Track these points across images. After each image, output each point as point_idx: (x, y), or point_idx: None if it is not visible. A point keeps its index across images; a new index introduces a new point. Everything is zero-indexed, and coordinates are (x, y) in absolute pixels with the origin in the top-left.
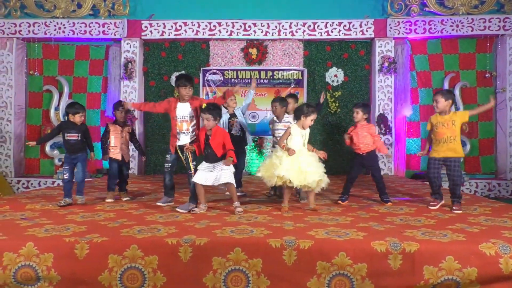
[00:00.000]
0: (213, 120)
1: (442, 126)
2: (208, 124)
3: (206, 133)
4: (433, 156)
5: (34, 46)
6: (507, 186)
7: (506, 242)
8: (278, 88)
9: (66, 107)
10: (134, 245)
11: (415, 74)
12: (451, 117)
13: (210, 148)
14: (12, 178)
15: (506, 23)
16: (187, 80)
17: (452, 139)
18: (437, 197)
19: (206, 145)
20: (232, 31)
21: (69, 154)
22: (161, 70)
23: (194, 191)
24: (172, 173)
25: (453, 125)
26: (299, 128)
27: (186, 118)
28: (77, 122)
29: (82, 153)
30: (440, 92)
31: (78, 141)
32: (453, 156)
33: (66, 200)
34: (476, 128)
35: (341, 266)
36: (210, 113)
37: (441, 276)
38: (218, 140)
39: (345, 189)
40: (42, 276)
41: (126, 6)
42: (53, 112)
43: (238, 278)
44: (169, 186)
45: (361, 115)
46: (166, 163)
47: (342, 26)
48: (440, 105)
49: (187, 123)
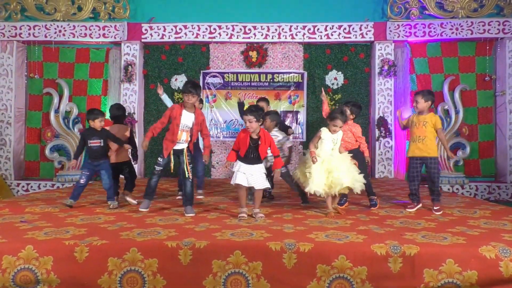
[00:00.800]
0: (256, 122)
1: (415, 125)
2: (251, 126)
3: (251, 137)
4: (410, 156)
5: (34, 49)
6: (507, 189)
7: (506, 245)
8: (278, 91)
9: (86, 115)
10: (134, 248)
11: (415, 77)
12: (424, 118)
13: (257, 152)
14: (12, 181)
15: (505, 26)
16: (192, 87)
17: (421, 139)
18: (414, 199)
19: (252, 149)
20: (232, 34)
21: (92, 161)
22: (161, 73)
23: (191, 194)
24: (160, 176)
25: (423, 126)
26: (330, 133)
27: (187, 128)
28: (97, 128)
29: (105, 160)
30: (420, 93)
31: (101, 147)
32: (427, 156)
33: (71, 201)
34: (476, 131)
35: (341, 269)
36: (252, 114)
37: (441, 279)
38: (266, 145)
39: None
40: (42, 279)
41: (127, 9)
42: (53, 115)
43: (238, 281)
44: (153, 188)
45: (348, 113)
46: (158, 166)
47: (342, 29)
48: (419, 106)
49: (186, 134)
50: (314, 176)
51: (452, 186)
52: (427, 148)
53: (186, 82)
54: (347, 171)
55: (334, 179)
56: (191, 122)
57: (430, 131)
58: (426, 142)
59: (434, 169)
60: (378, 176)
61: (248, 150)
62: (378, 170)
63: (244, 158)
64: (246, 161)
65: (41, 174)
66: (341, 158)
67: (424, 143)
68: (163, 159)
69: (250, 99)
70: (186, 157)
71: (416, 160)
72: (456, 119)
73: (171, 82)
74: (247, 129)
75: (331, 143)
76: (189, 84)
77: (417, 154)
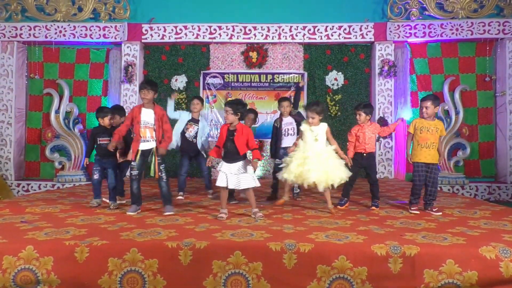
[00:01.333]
0: (233, 114)
1: (427, 131)
2: (228, 118)
3: (228, 129)
4: (416, 161)
5: (34, 49)
6: (507, 190)
7: (506, 246)
8: (278, 92)
9: (95, 113)
10: (134, 249)
11: (415, 77)
12: (436, 124)
13: (233, 144)
14: (12, 181)
15: (505, 27)
16: (147, 83)
17: (434, 145)
18: (417, 201)
19: (228, 141)
20: (232, 34)
21: (100, 158)
22: (161, 73)
23: (168, 193)
24: (139, 181)
25: (436, 132)
26: (307, 125)
27: (149, 125)
28: (107, 125)
29: (114, 158)
30: (429, 98)
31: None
32: (434, 162)
33: (97, 201)
34: (476, 131)
35: (341, 270)
36: (230, 106)
37: (441, 280)
38: (243, 137)
39: (345, 191)
40: (42, 279)
41: (127, 9)
42: (53, 115)
43: (238, 282)
44: (137, 194)
45: (364, 116)
46: (132, 170)
47: (342, 29)
48: (429, 111)
49: (150, 130)
50: (291, 164)
51: (452, 187)
52: (434, 154)
53: (142, 80)
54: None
55: (303, 171)
56: (152, 118)
57: (438, 137)
58: (434, 148)
59: (436, 174)
60: (378, 176)
61: (226, 142)
62: (378, 170)
63: (225, 155)
64: (227, 158)
65: (41, 175)
66: (320, 153)
67: (433, 149)
68: (135, 163)
69: (250, 99)
70: (156, 156)
71: (422, 165)
72: (456, 120)
73: (171, 82)
74: (225, 119)
75: (311, 135)
76: (144, 81)
77: (424, 160)
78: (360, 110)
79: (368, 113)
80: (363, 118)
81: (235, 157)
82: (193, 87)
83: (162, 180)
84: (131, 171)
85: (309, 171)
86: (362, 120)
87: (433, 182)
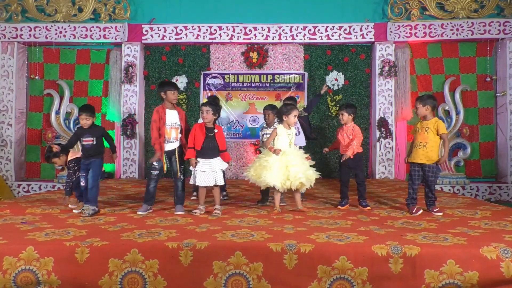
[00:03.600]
0: (212, 114)
1: (417, 132)
2: (207, 117)
3: (207, 127)
4: (410, 161)
5: (35, 50)
6: (508, 190)
7: (507, 246)
8: (279, 92)
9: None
10: (135, 249)
11: (415, 77)
12: (427, 123)
13: (214, 141)
14: (12, 182)
15: (506, 27)
16: (175, 86)
17: (422, 145)
18: (414, 202)
19: (209, 138)
20: (233, 35)
21: (84, 159)
22: (162, 74)
23: (182, 194)
24: (157, 181)
25: (425, 132)
26: (285, 129)
27: (174, 125)
28: (83, 125)
29: (96, 158)
30: (418, 98)
31: (93, 145)
32: (426, 163)
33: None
34: (477, 131)
35: (342, 270)
36: (210, 107)
37: (442, 280)
38: (222, 134)
39: (342, 193)
40: (43, 280)
41: (127, 10)
42: (53, 116)
43: (239, 282)
44: (152, 193)
45: (347, 116)
46: (154, 170)
47: (343, 30)
48: (418, 111)
49: (175, 131)
50: (273, 169)
51: (453, 187)
52: (427, 154)
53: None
54: (303, 167)
55: (291, 174)
56: (177, 118)
57: (432, 137)
58: (427, 148)
59: (432, 176)
60: (378, 177)
61: (205, 140)
62: (378, 171)
63: (203, 152)
64: (205, 155)
65: (41, 175)
66: (297, 154)
67: (425, 149)
68: (158, 162)
69: (250, 100)
70: (178, 157)
71: (416, 165)
72: (456, 120)
73: None
74: (203, 119)
75: (287, 138)
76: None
77: (417, 160)
78: (342, 110)
79: (351, 113)
80: (345, 118)
81: (215, 153)
82: (193, 88)
83: (180, 180)
84: (151, 171)
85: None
86: (345, 120)
87: (429, 183)
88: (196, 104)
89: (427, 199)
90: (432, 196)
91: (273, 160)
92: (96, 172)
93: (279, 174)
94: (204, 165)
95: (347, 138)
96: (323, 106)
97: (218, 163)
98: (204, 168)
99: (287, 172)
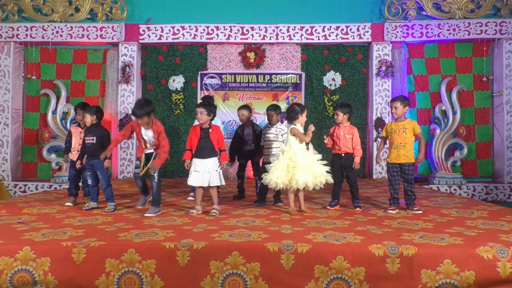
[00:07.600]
0: (207, 115)
1: (394, 133)
2: (201, 118)
3: (201, 127)
4: (388, 162)
5: (31, 50)
6: (504, 190)
7: (503, 246)
8: (276, 92)
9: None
10: (132, 249)
11: (412, 78)
12: (403, 124)
13: (210, 141)
14: (9, 182)
15: (502, 27)
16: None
17: (402, 146)
18: (395, 202)
19: (203, 138)
20: (230, 35)
21: (88, 159)
22: (159, 74)
23: (156, 195)
24: (143, 179)
25: (403, 133)
26: (302, 128)
27: (150, 141)
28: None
29: (99, 160)
30: (398, 98)
31: (93, 144)
32: (406, 162)
33: (90, 204)
34: (473, 131)
35: (339, 270)
36: (204, 108)
37: (439, 280)
38: (217, 134)
39: (334, 193)
40: (39, 280)
41: (124, 10)
42: (50, 116)
43: (236, 282)
44: (144, 188)
45: (342, 116)
46: (137, 169)
47: (340, 30)
48: (398, 111)
49: (150, 144)
50: (278, 169)
51: (450, 187)
52: (407, 154)
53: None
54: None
55: (294, 174)
56: (151, 136)
57: (410, 137)
58: (407, 148)
59: (411, 174)
60: (375, 176)
61: (200, 140)
62: (376, 171)
63: (198, 152)
64: (200, 155)
65: (38, 175)
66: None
67: (405, 149)
68: (139, 162)
69: (247, 100)
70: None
71: (395, 165)
72: (453, 120)
73: (169, 83)
74: (198, 120)
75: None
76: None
77: (400, 161)
78: (337, 110)
79: (346, 112)
80: (340, 118)
81: (211, 153)
82: (190, 88)
83: (153, 180)
84: (135, 170)
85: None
86: (340, 120)
87: (409, 181)
88: (194, 104)
89: (407, 198)
90: (411, 195)
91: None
92: (104, 173)
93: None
94: (198, 166)
95: (343, 138)
96: (320, 106)
97: (213, 164)
98: (198, 168)
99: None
